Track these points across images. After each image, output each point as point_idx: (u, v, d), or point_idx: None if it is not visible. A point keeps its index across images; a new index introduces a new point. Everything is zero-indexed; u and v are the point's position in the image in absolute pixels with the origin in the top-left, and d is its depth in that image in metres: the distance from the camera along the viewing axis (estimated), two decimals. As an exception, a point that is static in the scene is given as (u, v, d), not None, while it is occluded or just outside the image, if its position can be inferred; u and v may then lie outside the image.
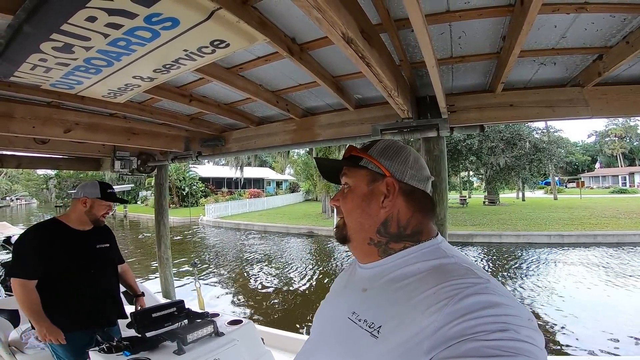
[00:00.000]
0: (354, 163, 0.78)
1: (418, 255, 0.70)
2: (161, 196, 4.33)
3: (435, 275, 0.62)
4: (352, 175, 0.78)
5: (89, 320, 1.98)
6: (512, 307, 0.53)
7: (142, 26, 1.12)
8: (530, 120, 2.36)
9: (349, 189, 0.78)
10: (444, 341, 0.52)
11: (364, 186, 0.76)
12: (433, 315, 0.55)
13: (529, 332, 0.50)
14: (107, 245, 2.18)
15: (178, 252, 12.92)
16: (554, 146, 20.05)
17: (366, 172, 0.76)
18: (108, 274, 2.15)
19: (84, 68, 1.44)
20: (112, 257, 2.24)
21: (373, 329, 0.63)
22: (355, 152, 0.79)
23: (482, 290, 0.55)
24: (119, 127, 2.97)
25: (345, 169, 0.80)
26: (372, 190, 0.74)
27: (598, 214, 17.25)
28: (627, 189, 34.49)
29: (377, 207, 0.73)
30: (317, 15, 0.90)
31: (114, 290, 2.18)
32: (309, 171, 22.92)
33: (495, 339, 0.48)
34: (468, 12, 1.32)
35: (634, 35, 1.40)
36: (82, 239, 2.07)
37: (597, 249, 12.07)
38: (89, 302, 2.00)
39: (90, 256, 2.07)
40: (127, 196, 30.75)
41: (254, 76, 2.11)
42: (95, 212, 2.06)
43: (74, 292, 1.97)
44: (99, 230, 2.19)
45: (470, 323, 0.51)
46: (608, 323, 6.01)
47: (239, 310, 7.34)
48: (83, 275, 2.00)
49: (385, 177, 0.74)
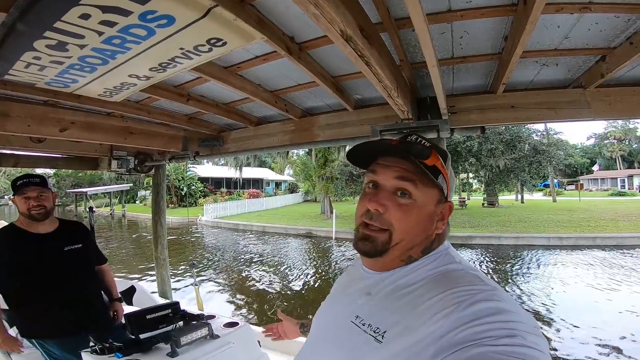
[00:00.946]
0: (433, 176, 0.67)
1: (427, 261, 0.69)
2: (159, 196, 4.30)
3: (443, 282, 0.62)
4: (424, 189, 0.67)
5: (59, 327, 1.84)
6: (519, 314, 0.54)
7: (137, 24, 1.10)
8: (532, 122, 2.34)
9: (413, 202, 0.67)
10: (451, 346, 0.52)
11: (432, 205, 0.68)
12: (440, 320, 0.55)
13: (535, 338, 0.51)
14: (77, 246, 1.99)
15: (176, 252, 12.88)
16: (554, 148, 20.06)
17: (438, 191, 0.69)
18: (80, 278, 1.97)
19: (79, 66, 1.41)
20: (86, 258, 2.05)
21: (378, 333, 0.62)
22: (440, 166, 0.68)
23: (490, 297, 0.56)
24: (116, 126, 2.94)
25: (415, 175, 0.67)
26: (436, 212, 0.69)
27: (597, 216, 17.25)
28: (625, 191, 34.53)
29: (432, 229, 0.70)
30: (314, 12, 0.88)
31: (89, 294, 2.01)
32: (308, 172, 22.91)
33: (502, 344, 0.48)
34: (470, 11, 1.29)
35: (638, 36, 1.38)
36: (42, 242, 1.89)
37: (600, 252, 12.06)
38: (58, 309, 1.85)
39: (55, 260, 1.89)
40: (125, 196, 30.70)
41: (252, 76, 2.09)
42: (21, 209, 1.87)
43: (40, 299, 1.83)
44: (68, 230, 2.04)
45: (478, 328, 0.51)
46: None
47: (236, 312, 7.30)
48: (48, 281, 1.84)
49: (447, 201, 0.71)
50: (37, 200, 1.87)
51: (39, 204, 1.87)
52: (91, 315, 1.96)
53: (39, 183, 1.91)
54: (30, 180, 1.88)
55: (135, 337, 1.66)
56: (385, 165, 0.69)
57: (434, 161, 0.67)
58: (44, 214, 1.89)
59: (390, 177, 0.68)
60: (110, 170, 3.88)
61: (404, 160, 0.68)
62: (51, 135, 2.51)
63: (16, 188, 1.86)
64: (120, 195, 30.66)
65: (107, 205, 29.78)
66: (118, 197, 31.21)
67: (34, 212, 1.86)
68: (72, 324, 1.88)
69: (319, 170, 20.56)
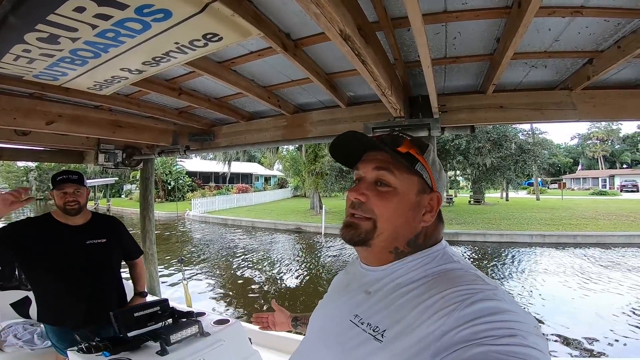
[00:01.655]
0: (408, 163, 0.70)
1: (425, 259, 0.69)
2: (147, 190, 4.23)
3: (444, 281, 0.62)
4: (401, 176, 0.69)
5: (69, 317, 1.92)
6: (519, 314, 0.54)
7: (132, 17, 1.08)
8: (520, 122, 2.39)
9: (392, 190, 0.69)
10: (451, 345, 0.52)
11: (412, 194, 0.70)
12: (441, 319, 0.55)
13: (535, 338, 0.51)
14: (102, 240, 2.07)
15: (162, 248, 12.72)
16: (539, 148, 20.49)
17: (418, 179, 0.71)
18: (97, 273, 2.03)
19: (70, 59, 1.38)
20: (108, 253, 2.11)
21: (377, 332, 0.62)
22: (415, 153, 0.70)
23: (491, 297, 0.56)
24: (104, 119, 2.88)
25: (391, 164, 0.70)
26: (419, 202, 0.70)
27: (578, 215, 17.74)
28: (606, 191, 35.55)
29: (418, 220, 0.70)
30: (315, 11, 0.88)
31: (103, 290, 2.06)
32: (297, 167, 22.86)
33: (503, 344, 0.49)
34: (465, 12, 1.31)
35: (626, 40, 1.42)
36: (68, 233, 1.99)
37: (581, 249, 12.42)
38: (67, 302, 1.92)
39: (75, 252, 1.97)
40: (110, 190, 30.10)
41: (246, 71, 2.07)
42: (57, 203, 1.99)
43: (56, 287, 1.91)
44: (96, 224, 2.12)
45: (478, 328, 0.51)
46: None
47: (225, 309, 7.28)
48: (66, 271, 1.93)
49: (433, 191, 0.72)
50: (73, 196, 2.00)
51: (75, 199, 2.00)
52: (102, 310, 1.97)
53: (77, 180, 2.02)
54: (69, 177, 2.01)
55: (122, 336, 1.64)
56: (366, 159, 0.74)
57: (407, 148, 0.70)
58: (78, 209, 2.02)
59: (370, 168, 0.71)
60: (97, 164, 3.79)
61: (381, 152, 0.71)
62: (37, 128, 2.45)
63: (55, 183, 1.99)
64: (105, 189, 30.04)
65: (91, 199, 29.14)
66: (103, 191, 30.58)
67: (68, 206, 1.98)
68: (81, 316, 1.94)
69: (308, 165, 20.55)
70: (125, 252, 2.27)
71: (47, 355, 2.19)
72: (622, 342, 5.53)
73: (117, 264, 2.20)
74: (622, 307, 6.88)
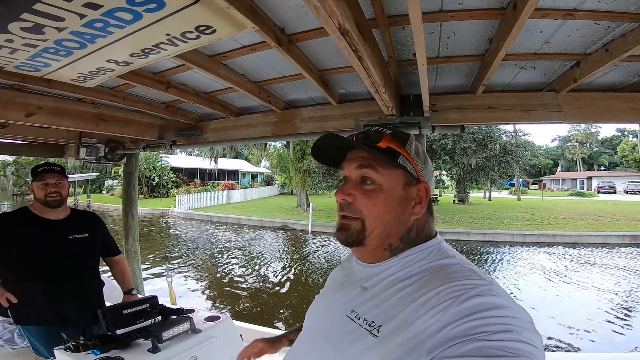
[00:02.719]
0: (389, 158, 0.69)
1: (421, 255, 0.69)
2: (130, 186, 4.13)
3: (439, 276, 0.62)
4: (385, 172, 0.69)
5: (46, 316, 1.86)
6: (515, 309, 0.55)
7: (123, 7, 1.03)
8: (507, 122, 2.44)
9: (377, 187, 0.69)
10: (447, 340, 0.52)
11: (399, 188, 0.69)
12: (437, 315, 0.55)
13: (530, 334, 0.51)
14: (83, 235, 2.02)
15: (146, 245, 12.48)
16: (521, 149, 21.01)
17: (402, 172, 0.70)
18: (80, 268, 1.99)
19: (54, 50, 1.32)
20: (91, 249, 2.07)
21: (373, 328, 0.62)
22: (396, 147, 0.69)
23: (486, 292, 0.56)
24: (86, 112, 2.79)
25: (373, 160, 0.69)
26: (407, 195, 0.70)
27: (557, 215, 18.30)
28: (584, 192, 36.76)
29: (409, 213, 0.70)
30: (315, 4, 0.87)
31: (88, 286, 2.02)
32: (284, 164, 22.76)
33: (498, 339, 0.49)
34: (461, 12, 1.32)
35: (615, 43, 1.46)
36: (49, 228, 1.93)
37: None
38: (49, 298, 1.86)
39: (58, 247, 1.92)
40: (91, 186, 29.28)
41: (237, 65, 2.04)
42: (38, 195, 1.93)
43: (33, 284, 1.85)
44: (77, 218, 2.06)
45: (474, 323, 0.52)
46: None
47: (212, 305, 7.20)
48: (48, 267, 1.87)
49: (420, 182, 0.71)
50: (55, 187, 1.94)
51: (56, 190, 1.94)
52: (88, 308, 1.95)
53: (59, 171, 1.98)
54: (51, 167, 1.96)
55: (111, 333, 1.60)
56: (349, 159, 0.73)
57: (387, 143, 0.69)
58: (59, 201, 1.96)
59: (353, 167, 0.71)
60: (78, 158, 3.67)
61: (361, 150, 0.71)
62: (16, 121, 2.35)
63: (36, 174, 1.94)
64: (85, 184, 29.20)
65: (70, 195, 28.25)
66: (83, 186, 29.71)
67: (49, 198, 1.92)
68: (67, 314, 1.89)
69: (296, 163, 20.48)
70: (105, 248, 2.22)
71: (27, 355, 2.12)
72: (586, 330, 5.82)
73: (98, 260, 2.16)
74: (595, 302, 7.15)
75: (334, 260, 10.83)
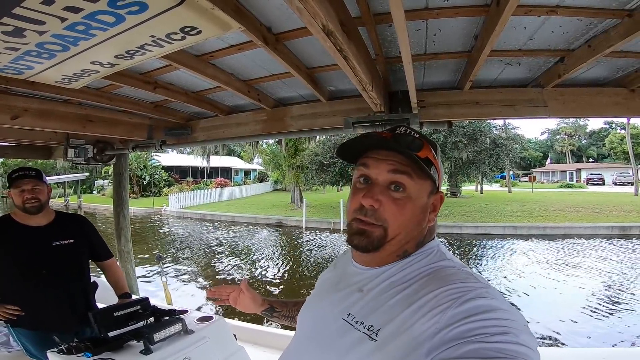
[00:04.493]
0: (425, 167, 0.67)
1: (419, 257, 0.69)
2: (120, 186, 4.09)
3: (437, 279, 0.62)
4: (419, 182, 0.68)
5: (34, 322, 1.84)
6: (511, 312, 0.55)
7: (105, 10, 1.02)
8: (494, 117, 2.47)
9: (407, 196, 0.67)
10: (445, 342, 0.53)
11: (425, 198, 0.69)
12: (435, 317, 0.56)
13: (526, 336, 0.52)
14: (68, 241, 1.96)
15: (139, 246, 12.39)
16: (511, 142, 21.20)
17: (431, 182, 0.70)
18: (66, 275, 1.95)
19: (36, 53, 1.30)
20: (77, 254, 2.02)
21: (371, 331, 0.62)
22: (432, 158, 0.69)
23: (483, 295, 0.57)
24: (73, 114, 2.74)
25: (408, 167, 0.67)
26: (428, 204, 0.70)
27: (547, 207, 18.57)
28: (573, 184, 37.38)
29: (427, 221, 0.71)
30: (298, 5, 0.87)
31: (74, 293, 1.98)
32: (277, 161, 22.71)
33: (495, 341, 0.50)
34: (446, 10, 1.33)
35: (597, 39, 1.48)
36: (31, 235, 1.88)
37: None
38: (34, 305, 1.83)
39: (41, 254, 1.87)
40: (81, 186, 28.89)
41: (225, 65, 2.02)
42: (16, 202, 1.88)
43: (18, 294, 1.82)
44: (62, 223, 2.01)
45: (471, 325, 0.52)
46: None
47: (209, 307, 7.18)
48: (31, 275, 1.83)
49: (439, 192, 0.73)
50: (32, 193, 1.88)
51: (33, 196, 1.89)
52: (76, 313, 1.92)
53: (34, 176, 1.93)
54: (26, 173, 1.90)
55: (103, 336, 1.59)
56: (378, 158, 0.68)
57: (426, 153, 0.68)
58: (38, 207, 1.90)
59: (384, 170, 0.67)
60: (66, 159, 3.62)
61: (396, 153, 0.67)
62: (1, 123, 2.31)
63: (12, 181, 1.90)
64: (75, 185, 28.78)
65: (61, 195, 27.84)
66: (73, 187, 29.29)
67: (28, 204, 1.87)
68: (54, 320, 1.86)
69: (289, 159, 20.44)
70: (94, 252, 2.16)
71: (22, 358, 2.11)
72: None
73: (86, 265, 2.11)
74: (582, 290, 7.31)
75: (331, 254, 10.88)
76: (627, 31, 1.28)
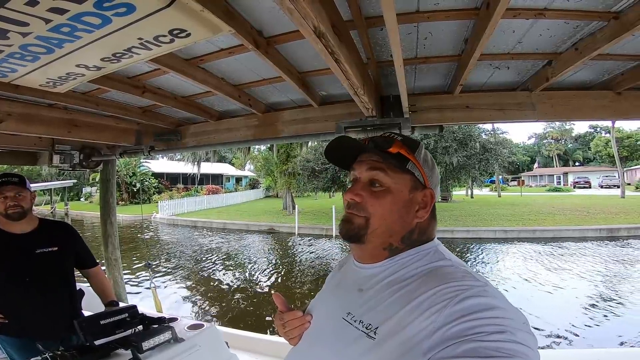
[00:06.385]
0: (399, 163, 0.73)
1: (417, 257, 0.70)
2: (108, 193, 4.01)
3: (435, 278, 0.63)
4: (394, 176, 0.73)
5: (16, 330, 1.79)
6: (509, 310, 0.55)
7: (90, 11, 0.99)
8: (484, 121, 2.49)
9: (385, 189, 0.72)
10: (442, 341, 0.53)
11: (405, 192, 0.73)
12: (432, 316, 0.56)
13: (524, 335, 0.52)
14: (53, 249, 1.93)
15: (128, 253, 12.16)
16: (500, 147, 21.53)
17: (410, 177, 0.74)
18: (51, 283, 1.90)
19: (19, 55, 1.26)
20: (61, 262, 1.98)
21: (370, 330, 0.63)
22: (405, 153, 0.73)
23: (480, 293, 0.57)
24: (58, 118, 2.68)
25: (384, 164, 0.73)
26: (412, 199, 0.73)
27: (536, 210, 18.83)
28: (561, 187, 38.01)
29: (412, 216, 0.73)
30: (289, 6, 0.86)
31: (58, 301, 1.94)
32: (269, 167, 22.63)
33: (493, 340, 0.50)
34: (436, 13, 1.33)
35: (583, 42, 1.50)
36: (14, 242, 1.84)
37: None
38: (17, 313, 1.79)
39: (24, 262, 1.83)
40: (68, 193, 28.34)
41: (215, 69, 2.00)
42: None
43: (1, 300, 1.78)
44: (46, 231, 1.97)
45: (469, 324, 0.52)
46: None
47: (202, 314, 7.06)
48: (12, 283, 1.80)
49: (426, 188, 0.74)
50: (14, 199, 1.86)
51: (16, 203, 1.86)
52: (60, 322, 1.87)
53: (18, 183, 1.90)
54: (9, 179, 1.87)
55: (89, 344, 1.54)
56: (360, 161, 0.77)
57: (397, 149, 0.73)
58: (20, 213, 1.88)
59: (364, 169, 0.75)
60: (51, 165, 3.53)
61: (372, 154, 0.75)
62: (-17, 129, 2.24)
63: None
64: (62, 192, 28.22)
65: (47, 203, 27.27)
66: (60, 194, 28.71)
67: (10, 211, 1.84)
68: (37, 329, 1.81)
69: (280, 165, 20.39)
70: (80, 260, 2.13)
71: None
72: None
73: (71, 272, 2.07)
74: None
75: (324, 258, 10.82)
76: (613, 33, 1.30)
